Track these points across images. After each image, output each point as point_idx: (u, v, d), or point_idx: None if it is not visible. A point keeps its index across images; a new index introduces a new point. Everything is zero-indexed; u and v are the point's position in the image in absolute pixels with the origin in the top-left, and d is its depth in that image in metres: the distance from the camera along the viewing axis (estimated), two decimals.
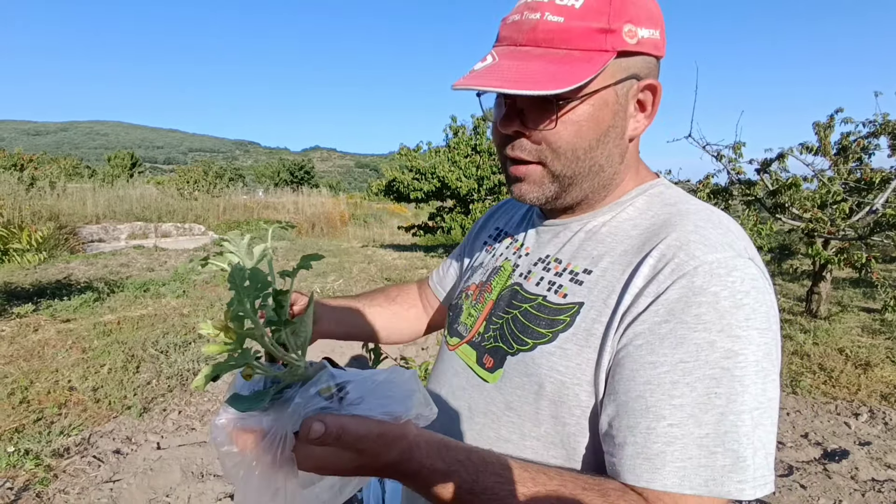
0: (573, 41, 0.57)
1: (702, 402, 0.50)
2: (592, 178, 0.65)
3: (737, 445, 0.49)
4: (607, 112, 0.61)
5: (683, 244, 0.56)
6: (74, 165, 27.03)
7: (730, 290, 0.52)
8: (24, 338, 4.41)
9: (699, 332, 0.51)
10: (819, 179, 5.75)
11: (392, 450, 0.47)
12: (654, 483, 0.50)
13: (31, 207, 9.29)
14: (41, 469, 2.57)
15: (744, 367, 0.51)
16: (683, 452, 0.50)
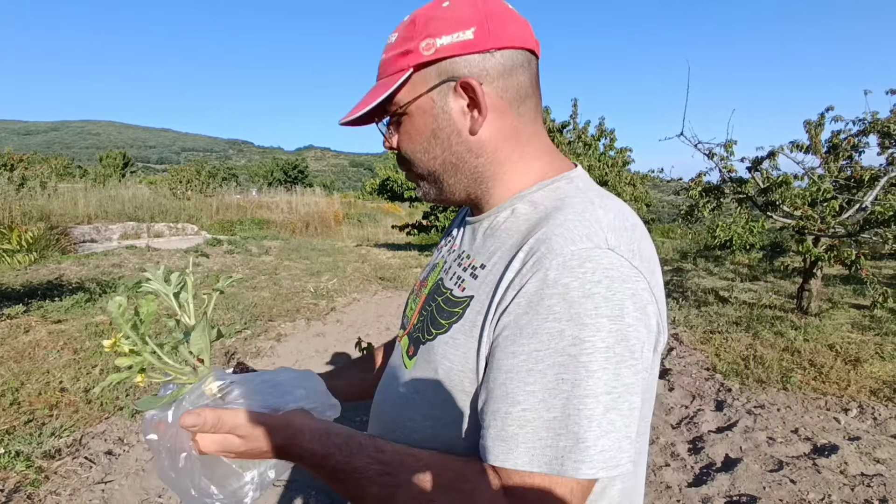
0: (388, 70, 0.68)
1: (551, 387, 0.54)
2: (453, 175, 0.71)
3: (577, 428, 0.52)
4: (428, 117, 0.68)
5: (547, 238, 0.59)
6: (66, 165, 26.81)
7: (580, 281, 0.55)
8: (14, 339, 4.38)
9: (550, 322, 0.55)
10: (809, 177, 5.80)
11: (275, 436, 0.57)
12: (507, 462, 0.54)
13: (21, 208, 9.21)
14: (32, 470, 2.56)
15: (590, 354, 0.53)
16: (534, 434, 0.54)
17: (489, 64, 0.65)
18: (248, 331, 5.15)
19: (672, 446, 2.95)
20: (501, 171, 0.71)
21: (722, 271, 9.66)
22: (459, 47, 0.64)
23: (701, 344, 4.86)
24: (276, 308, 6.07)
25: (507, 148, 0.70)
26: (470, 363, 0.62)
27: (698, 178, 6.46)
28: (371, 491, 0.56)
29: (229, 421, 0.56)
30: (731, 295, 7.04)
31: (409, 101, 0.67)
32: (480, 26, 0.65)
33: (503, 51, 0.66)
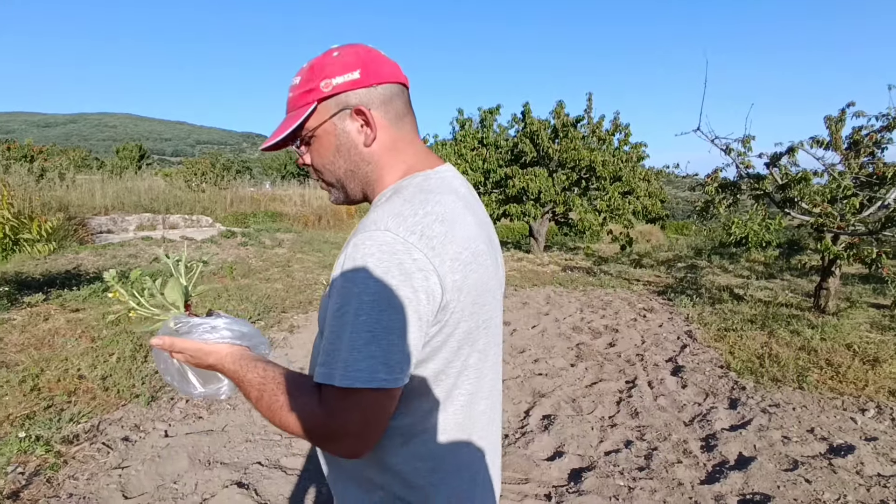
0: (296, 104, 0.88)
1: (333, 328, 0.74)
2: (352, 180, 0.91)
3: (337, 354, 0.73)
4: (331, 137, 0.89)
5: (360, 227, 0.79)
6: (83, 157, 27.16)
7: (351, 261, 0.74)
8: (34, 327, 4.46)
9: (338, 279, 0.76)
10: (829, 174, 5.69)
11: (209, 356, 0.87)
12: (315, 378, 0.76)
13: (41, 198, 9.36)
14: (51, 455, 2.61)
15: (351, 302, 0.73)
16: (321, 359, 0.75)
17: (373, 95, 0.87)
18: (262, 321, 5.20)
19: (684, 443, 2.93)
20: (382, 173, 0.91)
21: (737, 269, 9.55)
22: (350, 84, 0.86)
23: (715, 341, 4.81)
24: (288, 300, 6.11)
25: (388, 156, 0.90)
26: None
27: (714, 173, 6.37)
28: (252, 394, 0.81)
29: (178, 344, 0.87)
30: (747, 293, 6.96)
31: (316, 126, 0.88)
32: (364, 68, 0.86)
33: (383, 85, 0.88)
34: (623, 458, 2.77)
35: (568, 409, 3.41)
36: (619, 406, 3.47)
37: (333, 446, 0.77)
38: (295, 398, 0.78)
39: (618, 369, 4.15)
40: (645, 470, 2.65)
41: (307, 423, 0.76)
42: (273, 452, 2.78)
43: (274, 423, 0.80)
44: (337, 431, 0.75)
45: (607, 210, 10.40)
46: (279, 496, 2.41)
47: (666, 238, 17.59)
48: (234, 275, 7.26)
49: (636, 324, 5.56)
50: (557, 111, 10.68)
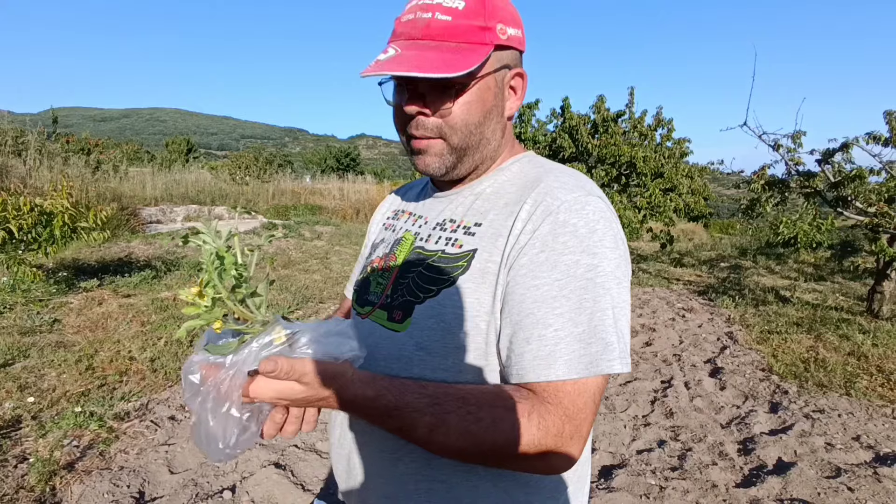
0: (460, 36, 0.70)
1: (576, 307, 0.64)
2: (481, 150, 0.78)
3: (605, 335, 0.64)
4: (490, 95, 0.75)
5: (549, 190, 0.71)
6: (135, 150, 28.38)
7: (585, 220, 0.67)
8: (89, 310, 4.73)
9: (566, 255, 0.66)
10: (887, 172, 5.40)
11: (333, 383, 0.60)
12: (549, 376, 0.63)
13: (96, 189, 9.87)
14: (104, 430, 2.77)
15: (603, 276, 0.66)
16: (568, 348, 0.63)
17: (521, 62, 0.79)
18: (300, 311, 5.35)
19: (720, 445, 2.86)
20: (500, 151, 0.82)
21: (784, 270, 9.19)
22: (517, 42, 0.75)
23: (757, 344, 4.66)
24: (326, 291, 6.26)
25: (508, 133, 0.83)
26: (485, 305, 0.70)
27: (762, 171, 6.15)
28: (423, 421, 0.62)
29: (299, 368, 0.58)
30: (793, 295, 6.69)
31: (482, 76, 0.72)
32: (523, 29, 0.77)
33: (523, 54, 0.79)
34: (655, 458, 2.73)
35: (601, 406, 3.38)
36: (654, 405, 3.42)
37: (557, 461, 0.64)
38: (505, 409, 0.62)
39: (653, 368, 4.08)
40: (678, 470, 2.61)
41: (536, 435, 0.62)
42: (309, 437, 2.87)
43: (468, 452, 0.63)
44: (571, 438, 0.63)
45: (647, 207, 10.18)
46: (314, 478, 2.50)
47: (709, 237, 17.06)
48: (274, 265, 7.48)
49: (674, 323, 5.44)
50: (598, 106, 10.50)
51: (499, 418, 0.62)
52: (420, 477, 0.74)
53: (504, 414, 0.62)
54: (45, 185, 8.03)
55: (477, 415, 0.62)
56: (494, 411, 0.62)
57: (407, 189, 1.03)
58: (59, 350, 3.76)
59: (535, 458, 0.63)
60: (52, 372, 3.41)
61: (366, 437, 0.80)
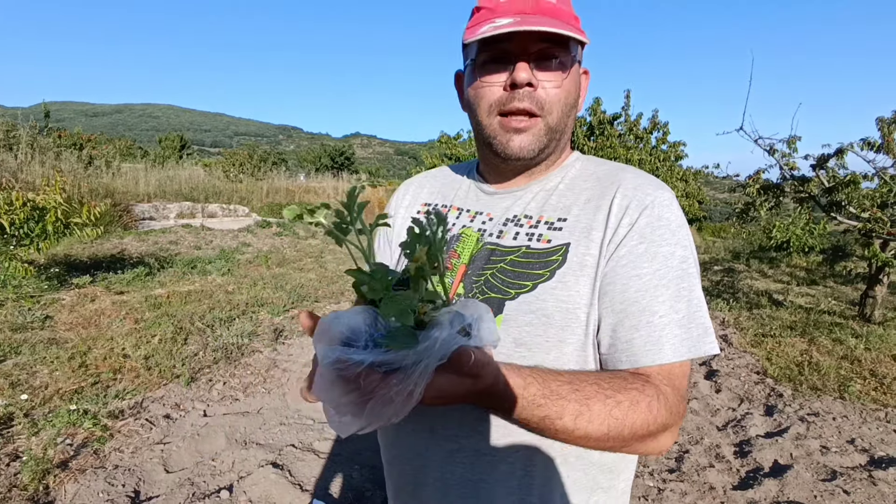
0: (565, 17, 0.73)
1: (675, 295, 0.70)
2: (562, 139, 0.81)
3: (703, 319, 0.70)
4: (577, 83, 0.79)
5: (637, 187, 0.75)
6: (128, 146, 28.15)
7: (675, 215, 0.74)
8: (82, 307, 4.68)
9: (664, 247, 0.71)
10: (881, 177, 5.45)
11: (489, 374, 0.55)
12: (661, 360, 0.68)
13: (89, 185, 9.76)
14: (98, 428, 2.74)
15: (694, 266, 0.73)
16: (671, 332, 0.68)
17: None
18: (296, 310, 5.32)
19: (717, 448, 2.87)
20: (566, 145, 0.85)
21: (777, 274, 9.26)
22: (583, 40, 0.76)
23: (751, 347, 4.69)
24: (321, 290, 6.23)
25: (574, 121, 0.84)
26: (584, 297, 0.72)
27: (756, 175, 6.19)
28: (570, 409, 0.61)
29: (480, 360, 0.51)
30: (787, 298, 6.74)
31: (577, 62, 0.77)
32: None
33: None
34: (653, 460, 2.74)
35: None
36: None
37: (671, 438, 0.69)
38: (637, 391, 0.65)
39: None
40: (675, 472, 2.62)
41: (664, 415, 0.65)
42: (306, 436, 2.85)
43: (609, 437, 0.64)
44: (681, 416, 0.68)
45: None
46: (311, 478, 2.48)
47: (702, 240, 17.17)
48: (269, 263, 7.43)
49: None
50: (594, 108, 10.54)
51: (634, 401, 0.64)
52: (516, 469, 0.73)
53: (638, 396, 0.65)
54: (36, 179, 7.94)
55: (616, 398, 0.63)
56: (629, 394, 0.65)
57: (432, 180, 0.98)
58: (52, 347, 3.72)
59: (661, 436, 0.67)
60: (45, 369, 3.37)
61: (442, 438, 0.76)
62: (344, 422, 0.51)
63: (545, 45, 0.72)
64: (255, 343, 4.26)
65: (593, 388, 0.64)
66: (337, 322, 0.52)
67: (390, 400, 0.48)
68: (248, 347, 4.12)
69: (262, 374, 3.64)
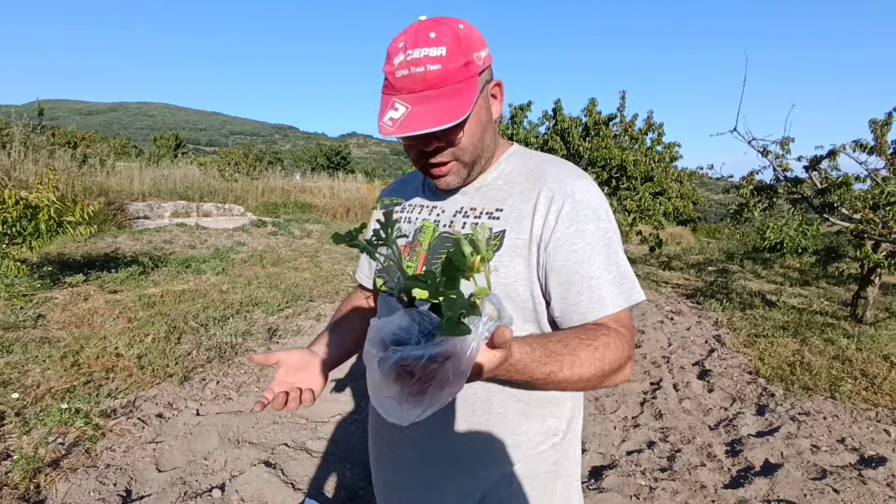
0: (453, 78, 0.81)
1: (605, 260, 0.86)
2: (485, 156, 0.93)
3: (630, 275, 0.88)
4: (483, 112, 0.88)
5: (560, 179, 0.90)
6: (123, 145, 28.02)
7: (594, 197, 0.89)
8: (75, 306, 4.65)
9: (589, 224, 0.87)
10: (873, 179, 5.49)
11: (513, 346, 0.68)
12: (605, 312, 0.84)
13: (82, 183, 9.71)
14: (90, 427, 2.73)
15: (615, 233, 0.89)
16: (608, 290, 0.85)
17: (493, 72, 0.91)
18: (290, 309, 5.31)
19: (709, 447, 2.89)
20: (492, 147, 0.95)
21: (770, 274, 9.31)
22: (487, 59, 0.87)
23: (744, 347, 4.71)
24: (316, 289, 6.22)
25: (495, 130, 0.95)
26: (521, 273, 0.88)
27: (750, 176, 6.22)
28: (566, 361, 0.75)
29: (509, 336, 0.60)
30: (780, 299, 6.78)
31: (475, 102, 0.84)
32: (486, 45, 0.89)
33: None
34: (645, 459, 2.75)
35: (590, 407, 3.40)
36: (643, 407, 3.44)
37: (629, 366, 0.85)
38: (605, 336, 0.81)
39: (643, 370, 4.11)
40: (667, 471, 2.63)
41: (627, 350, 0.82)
42: (299, 435, 2.85)
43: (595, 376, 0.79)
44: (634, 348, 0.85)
45: (637, 210, 10.25)
46: (304, 476, 2.48)
47: (697, 241, 17.23)
48: (264, 263, 7.42)
49: (663, 326, 5.48)
50: (590, 109, 10.56)
51: (606, 343, 0.80)
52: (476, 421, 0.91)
53: (607, 339, 0.80)
54: (29, 178, 7.90)
55: (593, 344, 0.78)
56: (601, 339, 0.80)
57: (400, 186, 1.15)
58: (44, 346, 3.70)
59: (625, 367, 0.83)
60: (37, 368, 3.35)
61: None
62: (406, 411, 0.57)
63: None
64: (249, 342, 4.25)
65: (576, 341, 0.78)
66: (388, 326, 0.60)
67: (447, 382, 0.56)
68: (242, 347, 4.12)
69: (256, 374, 3.63)
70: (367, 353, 0.60)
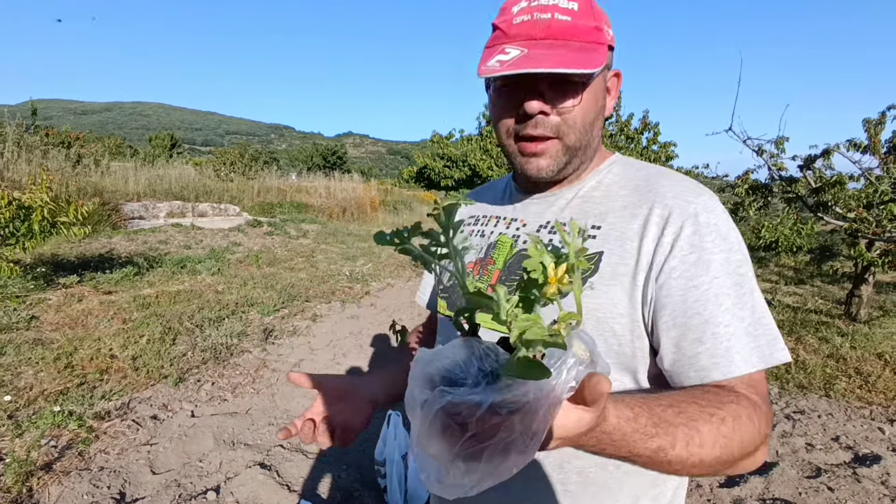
0: (581, 36, 0.71)
1: (736, 302, 0.67)
2: (588, 150, 0.79)
3: (769, 325, 0.67)
4: (600, 94, 0.76)
5: (676, 195, 0.73)
6: (118, 145, 27.89)
7: (721, 219, 0.71)
8: (69, 307, 4.63)
9: (717, 254, 0.68)
10: (866, 178, 5.52)
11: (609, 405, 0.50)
12: (733, 372, 0.64)
13: (77, 184, 9.66)
14: (84, 430, 2.72)
15: (749, 268, 0.70)
16: (739, 342, 0.65)
17: None
18: (286, 310, 5.30)
19: None
20: (597, 152, 0.83)
21: (765, 273, 9.34)
22: (613, 40, 0.76)
23: None
24: (312, 289, 6.21)
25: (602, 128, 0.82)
26: (620, 306, 0.70)
27: (745, 175, 6.24)
28: (680, 434, 0.56)
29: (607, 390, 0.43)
30: (774, 298, 6.80)
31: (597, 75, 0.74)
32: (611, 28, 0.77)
33: None
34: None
35: None
36: None
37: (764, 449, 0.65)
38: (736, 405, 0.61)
39: None
40: None
41: (763, 426, 0.63)
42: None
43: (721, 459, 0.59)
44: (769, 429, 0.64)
45: None
46: (299, 478, 2.47)
47: None
48: (259, 263, 7.40)
49: None
50: None
51: (736, 415, 0.60)
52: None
53: (738, 409, 0.61)
54: (23, 178, 7.86)
55: (719, 415, 0.59)
56: (729, 408, 0.60)
57: (480, 192, 1.02)
58: (37, 347, 3.68)
59: (760, 453, 0.65)
60: (30, 370, 3.33)
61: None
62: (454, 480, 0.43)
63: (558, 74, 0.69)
64: (245, 343, 4.24)
65: (695, 408, 0.58)
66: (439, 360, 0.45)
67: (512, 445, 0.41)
68: (238, 347, 4.10)
69: (251, 375, 3.62)
70: (409, 395, 0.45)
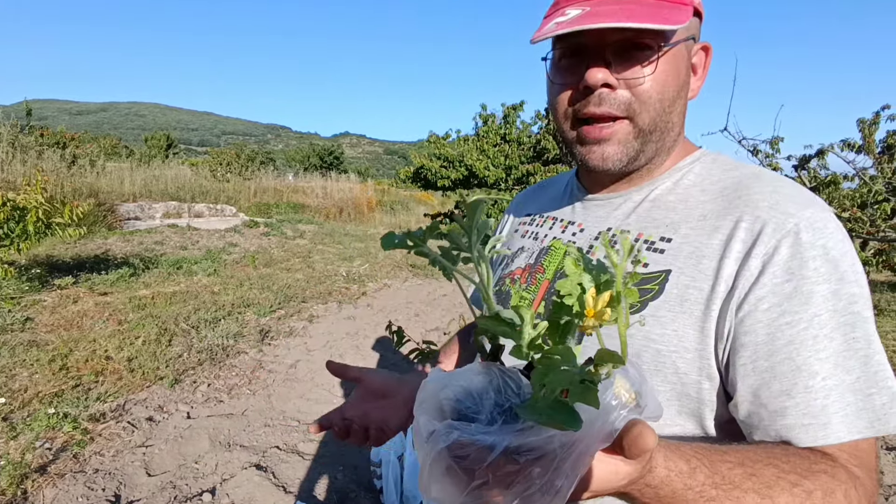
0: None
1: (843, 349, 0.52)
2: (664, 137, 0.65)
3: (888, 381, 0.52)
4: (682, 66, 0.62)
5: (774, 204, 0.57)
6: (113, 145, 27.81)
7: (833, 241, 0.55)
8: (64, 308, 4.61)
9: (822, 285, 0.53)
10: (860, 178, 5.54)
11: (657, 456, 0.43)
12: (829, 438, 0.51)
13: (72, 184, 9.63)
14: (78, 432, 2.71)
15: (865, 306, 0.54)
16: (842, 401, 0.51)
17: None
18: (282, 311, 5.29)
19: None
20: (676, 143, 0.68)
21: None
22: (701, 5, 0.63)
23: None
24: (308, 290, 6.20)
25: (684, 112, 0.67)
26: (687, 341, 0.56)
27: None
28: (747, 501, 0.46)
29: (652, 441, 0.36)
30: None
31: (677, 42, 0.60)
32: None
33: None
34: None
35: None
36: None
37: None
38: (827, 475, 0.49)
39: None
40: None
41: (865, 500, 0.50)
42: (291, 437, 2.84)
43: None
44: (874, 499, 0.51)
45: None
46: (296, 479, 2.47)
47: None
48: (256, 264, 7.38)
49: None
50: None
51: (828, 490, 0.48)
52: None
53: (830, 483, 0.48)
54: (17, 178, 7.82)
55: (803, 487, 0.47)
56: (819, 480, 0.48)
57: (536, 192, 0.91)
58: (32, 349, 3.66)
59: None
60: (24, 372, 3.32)
61: None
62: None
63: (628, 33, 0.57)
64: (241, 344, 4.23)
65: (772, 472, 0.47)
66: (451, 385, 0.38)
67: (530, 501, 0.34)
68: (234, 349, 4.09)
69: (248, 376, 3.62)
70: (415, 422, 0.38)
